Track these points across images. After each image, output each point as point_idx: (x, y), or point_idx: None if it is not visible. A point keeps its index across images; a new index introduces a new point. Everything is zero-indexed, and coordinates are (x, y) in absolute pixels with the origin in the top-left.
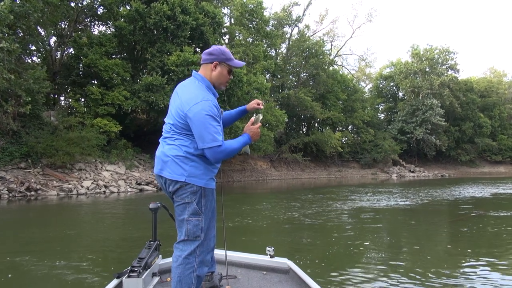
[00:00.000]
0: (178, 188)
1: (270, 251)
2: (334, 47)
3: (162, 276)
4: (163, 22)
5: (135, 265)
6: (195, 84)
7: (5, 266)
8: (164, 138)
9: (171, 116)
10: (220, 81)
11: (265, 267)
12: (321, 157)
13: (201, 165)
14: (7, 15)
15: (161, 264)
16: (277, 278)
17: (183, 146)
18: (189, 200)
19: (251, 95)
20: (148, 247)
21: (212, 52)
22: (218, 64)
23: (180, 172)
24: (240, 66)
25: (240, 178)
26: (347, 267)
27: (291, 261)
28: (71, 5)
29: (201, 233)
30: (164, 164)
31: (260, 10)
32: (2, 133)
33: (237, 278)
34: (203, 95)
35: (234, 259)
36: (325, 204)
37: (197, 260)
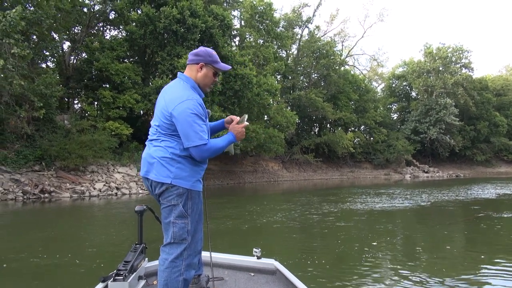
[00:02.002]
0: (164, 190)
1: (257, 252)
2: (345, 47)
3: (148, 279)
4: (173, 26)
5: (120, 269)
6: (180, 84)
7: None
8: (150, 141)
9: (156, 118)
10: (205, 82)
11: (252, 268)
12: (333, 158)
13: (187, 167)
14: (18, 21)
15: (147, 267)
16: (264, 279)
17: (169, 148)
18: (175, 202)
19: (261, 97)
20: (134, 250)
21: (199, 53)
22: (204, 65)
23: (166, 174)
24: (226, 69)
25: (251, 179)
26: (358, 269)
27: (278, 262)
28: (83, 11)
29: (187, 236)
30: (150, 166)
31: (270, 11)
32: (17, 137)
33: (224, 279)
34: (188, 94)
35: (221, 260)
36: (337, 205)
37: (184, 263)
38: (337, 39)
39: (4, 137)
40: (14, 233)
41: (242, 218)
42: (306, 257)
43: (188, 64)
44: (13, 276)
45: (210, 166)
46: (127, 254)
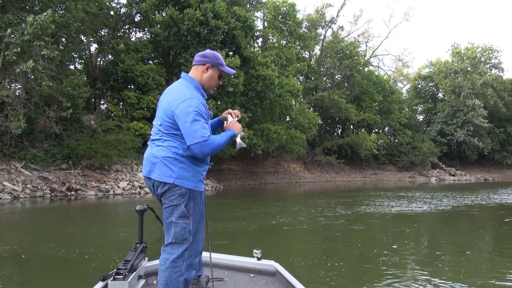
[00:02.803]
0: (166, 190)
1: (257, 253)
2: (369, 48)
3: (148, 279)
4: (196, 28)
5: (120, 268)
6: (184, 84)
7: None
8: (153, 140)
9: (159, 118)
10: (210, 84)
11: (252, 270)
12: (356, 160)
13: (190, 167)
14: (49, 24)
15: (147, 267)
16: (264, 280)
17: (172, 147)
18: (177, 202)
19: (283, 98)
20: (134, 249)
21: (206, 55)
22: (210, 67)
23: (168, 174)
24: (232, 73)
25: (273, 180)
26: (376, 273)
27: (278, 264)
28: (110, 13)
29: (189, 236)
30: (152, 166)
31: (293, 12)
32: (45, 136)
33: (224, 280)
34: (191, 94)
35: (221, 261)
36: (359, 207)
37: (185, 264)
38: (361, 39)
39: (34, 136)
40: (39, 228)
41: (255, 219)
42: (325, 259)
43: (194, 65)
44: (29, 266)
45: (232, 167)
46: (127, 253)
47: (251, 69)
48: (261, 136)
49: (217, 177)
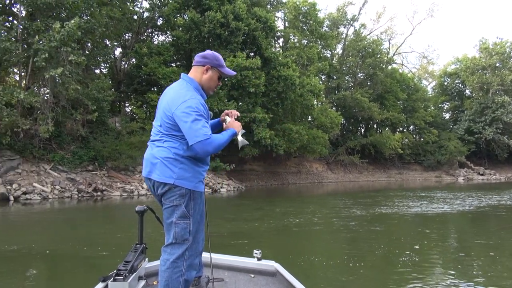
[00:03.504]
0: (166, 190)
1: (257, 254)
2: (393, 45)
3: (148, 279)
4: (217, 30)
5: (121, 269)
6: (183, 85)
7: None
8: (153, 141)
9: (158, 119)
10: (209, 85)
11: (252, 270)
12: (380, 159)
13: (190, 168)
14: (75, 31)
15: (148, 268)
16: (264, 280)
17: (173, 148)
18: (177, 202)
19: (305, 98)
20: (134, 250)
21: (206, 55)
22: (210, 68)
23: (169, 174)
24: (232, 75)
25: (295, 180)
26: (397, 274)
27: (278, 264)
28: (133, 18)
29: (189, 236)
30: (153, 166)
31: (314, 12)
32: (72, 138)
33: (224, 281)
34: (191, 94)
35: (221, 262)
36: (383, 207)
37: (185, 264)
38: (384, 37)
39: (62, 139)
40: (66, 227)
41: (271, 219)
42: (346, 260)
43: (194, 65)
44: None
45: (254, 167)
46: (128, 254)
47: (272, 69)
48: (282, 136)
49: (239, 178)
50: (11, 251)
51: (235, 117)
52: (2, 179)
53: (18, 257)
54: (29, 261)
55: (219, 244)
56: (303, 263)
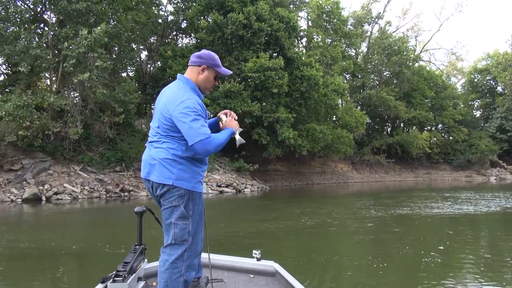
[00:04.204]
0: (165, 191)
1: (257, 254)
2: (419, 42)
3: (147, 280)
4: (239, 31)
5: (120, 270)
6: (180, 86)
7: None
8: (151, 142)
9: (156, 120)
10: (206, 85)
11: (251, 270)
12: (407, 159)
13: (189, 168)
14: (102, 37)
15: (147, 269)
16: (264, 281)
17: (171, 149)
18: (176, 203)
19: (329, 97)
20: (133, 251)
21: (202, 55)
22: (206, 68)
23: (167, 175)
24: (227, 74)
25: (319, 180)
26: (423, 277)
27: (278, 264)
28: (158, 22)
29: (188, 237)
30: (151, 168)
31: (337, 10)
32: (101, 140)
33: (223, 281)
34: (188, 95)
35: (220, 262)
36: (407, 208)
37: (184, 265)
38: (410, 34)
39: (90, 141)
40: (93, 225)
41: (290, 219)
42: (371, 260)
43: (189, 65)
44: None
45: (277, 167)
46: (127, 255)
47: (295, 69)
48: (306, 136)
49: (263, 178)
50: (42, 249)
51: (232, 117)
52: (35, 180)
53: (48, 254)
54: (58, 258)
55: (231, 243)
56: (313, 264)
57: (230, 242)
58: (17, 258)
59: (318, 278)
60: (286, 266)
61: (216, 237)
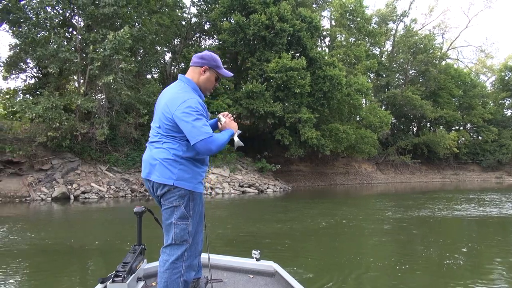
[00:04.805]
0: (166, 191)
1: (256, 254)
2: (446, 40)
3: (147, 280)
4: (261, 32)
5: (119, 270)
6: (181, 86)
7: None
8: (151, 142)
9: (157, 120)
10: (207, 86)
11: (251, 270)
12: (433, 159)
13: (189, 169)
14: (126, 40)
15: (146, 269)
16: (263, 281)
17: (172, 149)
18: (177, 203)
19: (352, 97)
20: (133, 251)
21: (204, 56)
22: (207, 69)
23: (168, 176)
24: (228, 76)
25: (343, 181)
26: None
27: (277, 264)
28: (182, 24)
29: (188, 237)
30: (152, 168)
31: (361, 8)
32: (126, 141)
33: (223, 281)
34: (189, 95)
35: (220, 262)
36: (437, 209)
37: (184, 265)
38: (437, 31)
39: (116, 142)
40: (117, 224)
41: (306, 220)
42: (394, 261)
43: (191, 66)
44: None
45: (300, 168)
46: (126, 255)
47: (317, 69)
48: (329, 136)
49: (285, 178)
50: (69, 245)
51: (228, 119)
52: (64, 179)
53: (75, 250)
54: (84, 253)
55: (244, 243)
56: (334, 264)
57: (246, 241)
58: (47, 253)
59: (339, 278)
60: (306, 266)
61: (233, 236)
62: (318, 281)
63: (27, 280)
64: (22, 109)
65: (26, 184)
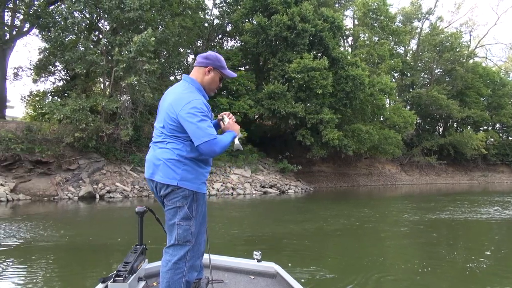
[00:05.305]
0: (169, 192)
1: (257, 255)
2: (474, 38)
3: (148, 280)
4: (283, 32)
5: (120, 270)
6: (186, 86)
7: None
8: (155, 143)
9: (161, 120)
10: (211, 86)
11: (252, 271)
12: (460, 161)
13: (193, 169)
14: (150, 42)
15: (147, 269)
16: (264, 282)
17: (176, 150)
18: (180, 204)
19: (375, 97)
20: (134, 251)
21: (208, 57)
22: (212, 69)
23: (172, 176)
24: (232, 76)
25: (366, 182)
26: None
27: (278, 265)
28: (204, 26)
29: (191, 238)
30: (155, 168)
31: (384, 7)
32: (150, 141)
33: (224, 282)
34: (194, 96)
35: (221, 263)
36: (464, 212)
37: (187, 265)
38: (464, 29)
39: (140, 142)
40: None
41: (322, 221)
42: (417, 264)
43: (195, 66)
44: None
45: (322, 168)
46: (127, 255)
47: (339, 69)
48: (351, 137)
49: (307, 179)
50: (94, 244)
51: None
52: (90, 179)
53: (103, 248)
54: (109, 250)
55: (264, 242)
56: (356, 265)
57: (264, 241)
58: (74, 250)
59: (360, 280)
60: (327, 267)
61: (251, 236)
62: (339, 282)
63: (49, 274)
64: (50, 110)
65: (54, 184)
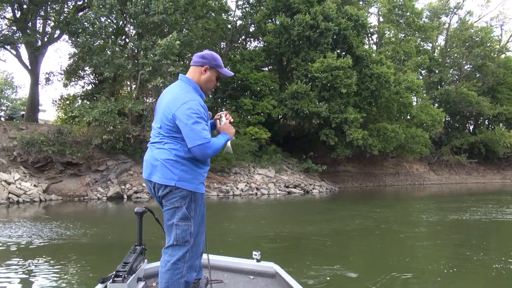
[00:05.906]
0: (167, 192)
1: (257, 255)
2: (506, 32)
3: (147, 281)
4: (306, 32)
5: (120, 270)
6: (182, 86)
7: None
8: (153, 143)
9: (158, 120)
10: (208, 86)
11: (251, 271)
12: (492, 159)
13: (191, 169)
14: (174, 45)
15: (147, 269)
16: (264, 282)
17: (173, 150)
18: (178, 204)
19: (401, 95)
20: (133, 251)
21: (205, 56)
22: (208, 68)
23: (170, 176)
24: (229, 75)
25: (392, 182)
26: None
27: (278, 265)
28: (228, 27)
29: (190, 238)
30: (153, 169)
31: (410, 3)
32: None
33: (223, 282)
34: (190, 96)
35: (220, 263)
36: (495, 212)
37: (186, 266)
38: (495, 23)
39: None
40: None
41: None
42: (443, 265)
43: (192, 65)
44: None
45: (348, 168)
46: (127, 256)
47: (364, 67)
48: (377, 136)
49: (332, 179)
50: (121, 241)
51: (228, 121)
52: (118, 179)
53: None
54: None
55: (281, 241)
56: (382, 266)
57: (286, 239)
58: (102, 248)
59: (383, 280)
60: (349, 266)
61: (274, 236)
62: (363, 281)
63: (74, 270)
64: (80, 113)
65: (84, 184)
